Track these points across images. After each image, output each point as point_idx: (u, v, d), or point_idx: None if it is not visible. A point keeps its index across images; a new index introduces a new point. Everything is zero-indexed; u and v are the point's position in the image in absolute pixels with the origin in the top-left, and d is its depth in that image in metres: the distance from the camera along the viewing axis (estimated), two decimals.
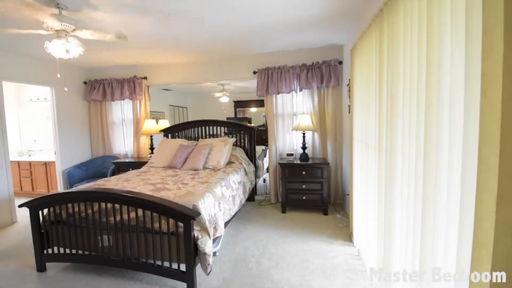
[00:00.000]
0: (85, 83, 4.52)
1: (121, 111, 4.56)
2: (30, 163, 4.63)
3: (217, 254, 2.43)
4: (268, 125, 3.91)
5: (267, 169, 5.00)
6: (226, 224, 2.57)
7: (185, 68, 4.26)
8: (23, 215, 3.58)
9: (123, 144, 4.59)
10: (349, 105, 3.01)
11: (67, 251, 2.22)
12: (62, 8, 2.18)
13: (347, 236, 2.76)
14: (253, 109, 7.82)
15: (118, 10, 2.34)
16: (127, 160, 4.15)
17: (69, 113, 4.27)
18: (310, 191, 3.39)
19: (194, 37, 3.09)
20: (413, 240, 1.23)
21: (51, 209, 2.22)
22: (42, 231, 2.25)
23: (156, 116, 5.69)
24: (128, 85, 4.30)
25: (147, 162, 3.79)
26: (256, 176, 3.98)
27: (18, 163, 4.65)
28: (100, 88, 4.40)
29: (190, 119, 6.42)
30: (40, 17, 2.23)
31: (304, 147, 3.55)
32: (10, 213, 3.48)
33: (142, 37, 3.03)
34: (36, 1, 2.09)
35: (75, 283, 2.09)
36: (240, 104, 7.82)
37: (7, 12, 2.26)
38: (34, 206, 2.21)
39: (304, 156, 3.51)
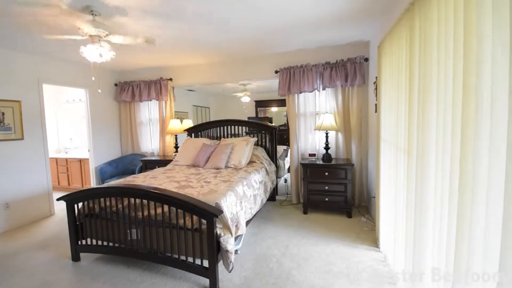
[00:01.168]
0: (115, 85, 4.79)
1: (148, 111, 4.76)
2: (66, 160, 5.01)
3: (239, 252, 2.45)
4: (289, 125, 3.87)
5: (288, 169, 4.96)
6: (247, 223, 2.58)
7: (208, 69, 4.36)
8: (60, 208, 3.88)
9: (150, 143, 4.80)
10: (375, 104, 2.89)
11: (99, 242, 2.36)
12: (95, 15, 2.33)
13: (373, 240, 2.65)
14: (274, 109, 7.79)
15: (146, 16, 2.45)
16: (153, 158, 4.33)
17: (102, 114, 4.55)
18: (333, 193, 3.31)
19: (217, 39, 3.14)
20: (446, 248, 1.15)
21: (86, 203, 2.38)
22: (77, 223, 2.42)
23: (180, 116, 5.88)
24: (155, 86, 4.48)
25: (172, 160, 3.93)
26: (277, 176, 3.97)
27: (56, 159, 5.04)
28: (129, 89, 4.63)
29: (212, 119, 6.55)
30: (76, 23, 2.40)
31: (327, 147, 3.47)
32: (49, 206, 3.78)
33: (168, 40, 3.14)
34: (73, 9, 2.25)
35: (106, 274, 2.22)
36: (261, 104, 7.83)
37: (48, 19, 2.45)
38: (70, 199, 2.38)
39: (327, 157, 3.43)
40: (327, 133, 3.48)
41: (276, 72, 3.84)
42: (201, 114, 7.65)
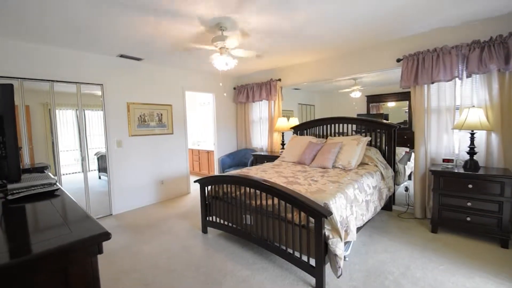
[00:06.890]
0: (234, 88, 5.50)
1: (259, 111, 5.21)
2: (198, 151, 6.23)
3: (347, 259, 2.29)
4: (415, 123, 3.24)
5: (410, 175, 4.23)
6: (357, 230, 2.37)
7: (316, 66, 4.28)
8: (194, 188, 4.87)
9: (259, 139, 5.24)
10: None
11: (222, 221, 2.79)
12: (223, 30, 2.73)
13: None
14: (390, 104, 6.76)
15: (262, 14, 2.50)
16: (262, 153, 4.70)
17: (223, 113, 5.36)
18: (480, 212, 2.52)
19: (329, 30, 2.96)
20: None
21: (213, 186, 2.86)
22: (206, 202, 2.95)
23: (286, 114, 6.10)
24: (265, 87, 4.84)
25: (278, 156, 4.13)
26: (396, 183, 3.42)
27: (192, 150, 6.37)
28: (244, 92, 5.21)
29: (317, 117, 6.43)
30: (209, 38, 2.88)
31: (472, 152, 2.67)
32: (187, 186, 4.80)
33: (279, 42, 3.29)
34: (208, 27, 2.72)
35: (226, 249, 2.59)
36: (373, 99, 6.97)
37: (191, 37, 3.07)
38: (203, 183, 2.92)
39: (471, 164, 2.65)
40: (472, 134, 2.68)
41: (398, 60, 3.30)
42: (306, 112, 7.65)
